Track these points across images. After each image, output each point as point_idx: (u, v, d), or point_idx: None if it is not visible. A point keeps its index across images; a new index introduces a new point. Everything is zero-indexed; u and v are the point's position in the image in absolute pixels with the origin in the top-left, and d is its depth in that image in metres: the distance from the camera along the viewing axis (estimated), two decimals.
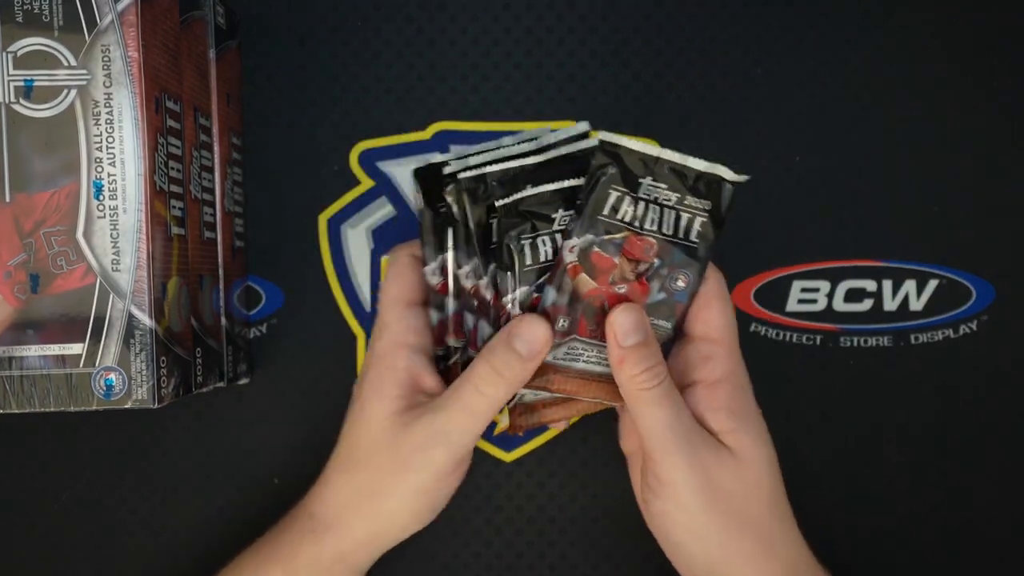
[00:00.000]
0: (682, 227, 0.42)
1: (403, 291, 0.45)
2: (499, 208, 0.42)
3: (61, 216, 0.40)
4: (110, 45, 0.39)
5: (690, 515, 0.41)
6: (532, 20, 0.51)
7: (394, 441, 0.42)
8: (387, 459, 0.43)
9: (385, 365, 0.44)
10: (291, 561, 0.44)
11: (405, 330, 0.44)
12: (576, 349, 0.42)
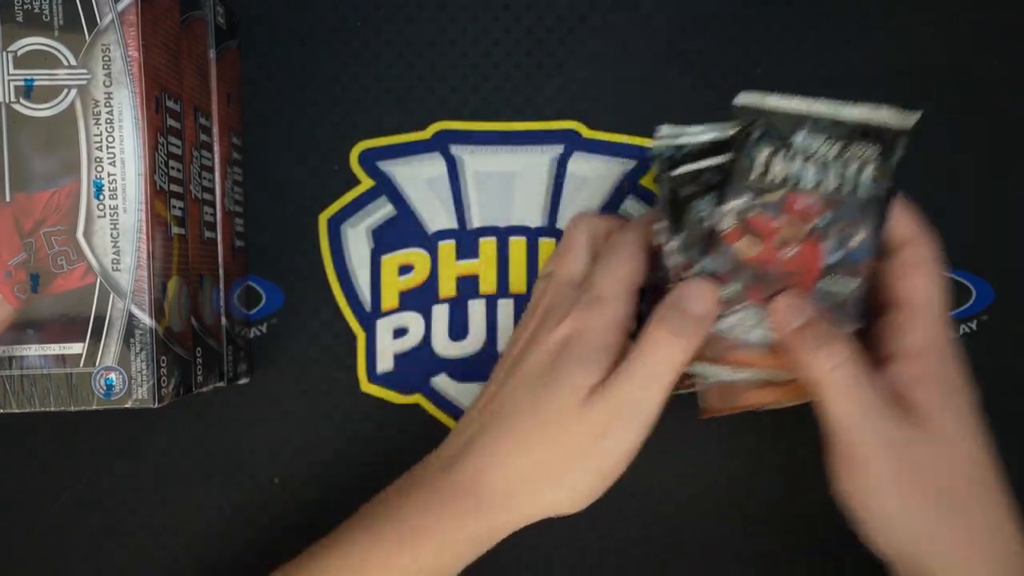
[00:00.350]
0: (848, 179, 0.40)
1: (635, 275, 0.43)
2: (675, 177, 0.42)
3: (61, 216, 0.40)
4: (110, 45, 0.39)
5: (884, 498, 0.39)
6: (532, 20, 0.51)
7: (582, 417, 0.41)
8: (576, 436, 0.41)
9: (600, 342, 0.41)
10: (452, 534, 0.42)
11: (627, 316, 0.42)
12: (751, 318, 0.41)
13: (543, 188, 0.51)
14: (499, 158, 0.51)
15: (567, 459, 0.41)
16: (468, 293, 0.51)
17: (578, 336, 0.42)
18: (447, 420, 0.51)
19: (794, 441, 0.52)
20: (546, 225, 0.51)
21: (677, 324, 0.40)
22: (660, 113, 0.51)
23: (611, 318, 0.42)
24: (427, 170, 0.51)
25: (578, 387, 0.41)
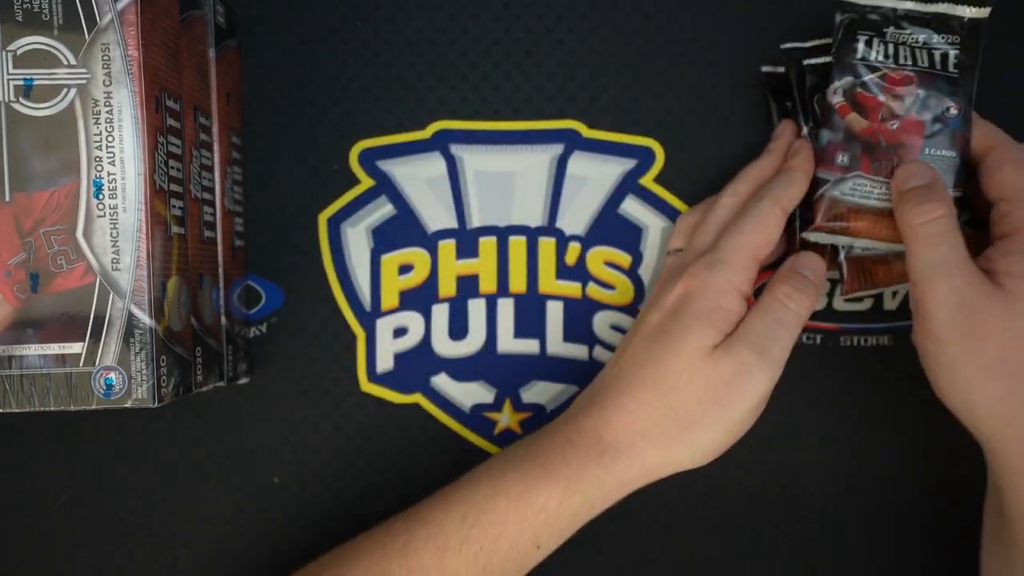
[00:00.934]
0: (937, 60, 0.46)
1: (760, 244, 0.44)
2: (806, 66, 0.47)
3: (61, 215, 0.40)
4: (110, 44, 0.39)
5: (951, 354, 0.41)
6: (532, 20, 0.51)
7: (713, 370, 0.41)
8: (703, 388, 0.41)
9: (719, 303, 0.42)
10: (577, 479, 0.42)
11: (747, 280, 0.43)
12: (864, 186, 0.45)
13: (543, 188, 0.51)
14: (499, 158, 0.51)
15: (689, 413, 0.42)
16: (468, 292, 0.51)
17: (696, 294, 0.43)
18: (447, 419, 0.51)
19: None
20: (546, 224, 0.51)
21: (797, 281, 0.43)
22: (660, 113, 0.51)
23: (729, 279, 0.43)
24: (427, 170, 0.51)
25: (697, 346, 0.42)
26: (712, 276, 0.43)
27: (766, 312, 0.42)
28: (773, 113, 0.50)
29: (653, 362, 0.43)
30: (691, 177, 0.51)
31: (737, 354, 0.41)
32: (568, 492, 0.42)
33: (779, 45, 0.49)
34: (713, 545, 0.51)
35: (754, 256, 0.44)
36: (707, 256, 0.44)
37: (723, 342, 0.42)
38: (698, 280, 0.43)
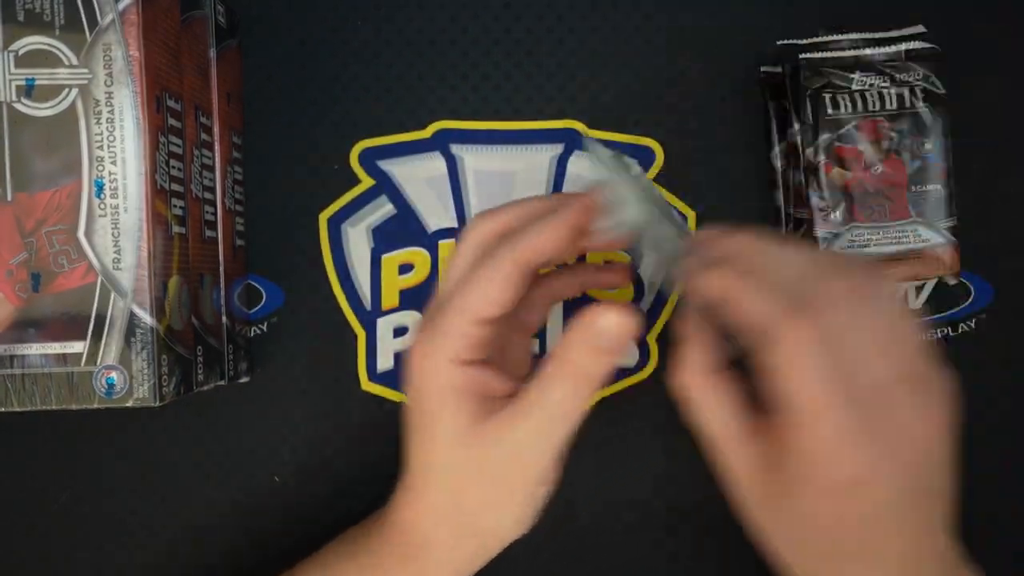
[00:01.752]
0: (906, 98, 0.47)
1: (483, 307, 0.38)
2: (802, 61, 0.47)
3: (62, 215, 0.40)
4: (111, 44, 0.39)
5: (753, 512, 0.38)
6: (532, 20, 0.51)
7: (486, 456, 0.38)
8: (480, 476, 0.39)
9: (445, 383, 0.38)
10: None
11: (467, 347, 0.38)
12: (861, 236, 0.47)
13: (543, 187, 0.51)
14: (499, 157, 0.51)
15: (486, 499, 0.39)
16: None
17: (418, 382, 0.39)
18: None
19: None
20: None
21: (587, 362, 0.37)
22: (660, 113, 0.51)
23: (444, 356, 0.38)
24: (427, 169, 0.51)
25: (448, 438, 0.38)
26: (425, 360, 0.39)
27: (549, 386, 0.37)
28: (771, 113, 0.50)
29: (422, 460, 0.40)
30: (691, 177, 0.51)
31: (510, 438, 0.38)
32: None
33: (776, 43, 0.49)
34: (712, 546, 0.51)
35: (475, 320, 0.38)
36: (430, 324, 0.39)
37: (492, 416, 0.38)
38: (416, 363, 0.39)
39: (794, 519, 0.36)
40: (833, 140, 0.47)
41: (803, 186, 0.48)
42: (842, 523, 0.35)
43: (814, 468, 0.34)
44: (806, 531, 0.36)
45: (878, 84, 0.47)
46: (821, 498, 0.34)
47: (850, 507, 0.34)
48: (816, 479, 0.34)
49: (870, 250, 0.48)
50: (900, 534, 0.35)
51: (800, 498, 0.35)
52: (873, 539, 0.35)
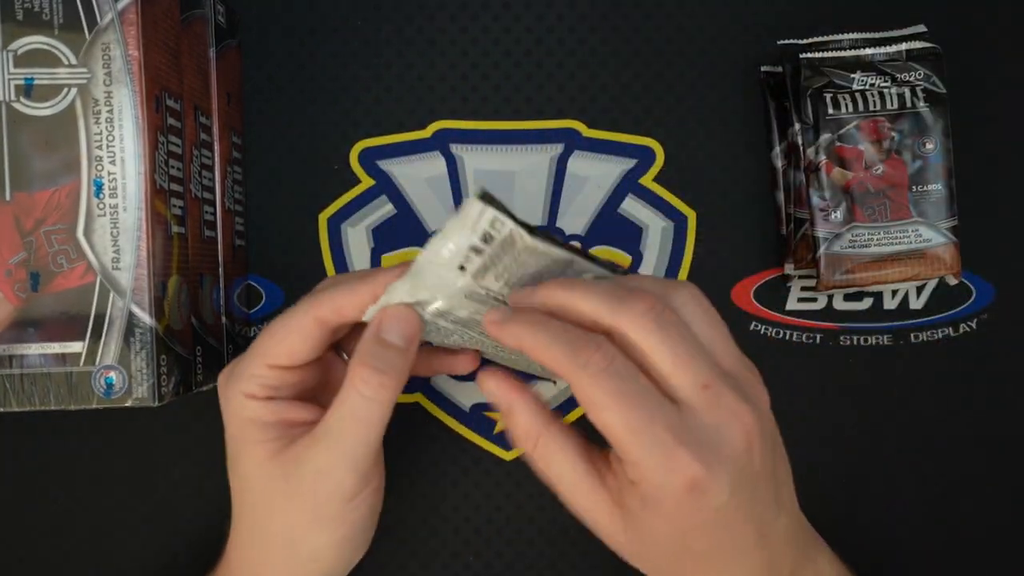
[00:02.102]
0: (907, 98, 0.47)
1: (277, 353, 0.39)
2: (803, 60, 0.48)
3: (61, 214, 0.40)
4: (110, 44, 0.39)
5: None
6: (532, 19, 0.51)
7: (289, 482, 0.39)
8: (288, 502, 0.39)
9: (243, 416, 0.40)
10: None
11: (260, 386, 0.39)
12: (862, 235, 0.47)
13: (543, 187, 0.51)
14: (499, 157, 0.51)
15: (291, 529, 0.40)
16: None
17: (225, 418, 0.41)
18: (447, 419, 0.51)
19: None
20: (546, 224, 0.51)
21: (378, 360, 0.37)
22: (660, 113, 0.51)
23: (239, 392, 0.40)
24: (427, 169, 0.51)
25: (261, 468, 0.39)
26: (226, 392, 0.40)
27: (341, 405, 0.38)
28: (772, 113, 0.50)
29: (237, 491, 0.42)
30: (691, 177, 0.51)
31: (310, 461, 0.38)
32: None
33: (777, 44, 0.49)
34: None
35: (266, 363, 0.39)
36: (236, 361, 0.41)
37: (295, 444, 0.39)
38: (221, 395, 0.41)
39: (651, 543, 0.36)
40: (834, 140, 0.47)
41: (804, 186, 0.48)
42: (692, 533, 0.35)
43: (651, 488, 0.34)
44: (663, 552, 0.36)
45: (879, 84, 0.47)
46: (666, 517, 0.34)
47: (694, 516, 0.34)
48: (656, 499, 0.34)
49: (871, 250, 0.48)
50: (747, 524, 0.35)
51: (650, 522, 0.35)
52: (724, 539, 0.35)
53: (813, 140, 0.47)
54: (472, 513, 0.51)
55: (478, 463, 0.51)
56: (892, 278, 0.48)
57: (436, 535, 0.51)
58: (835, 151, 0.47)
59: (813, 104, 0.47)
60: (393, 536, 0.51)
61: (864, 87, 0.47)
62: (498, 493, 0.51)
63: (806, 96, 0.47)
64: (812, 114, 0.47)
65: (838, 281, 0.48)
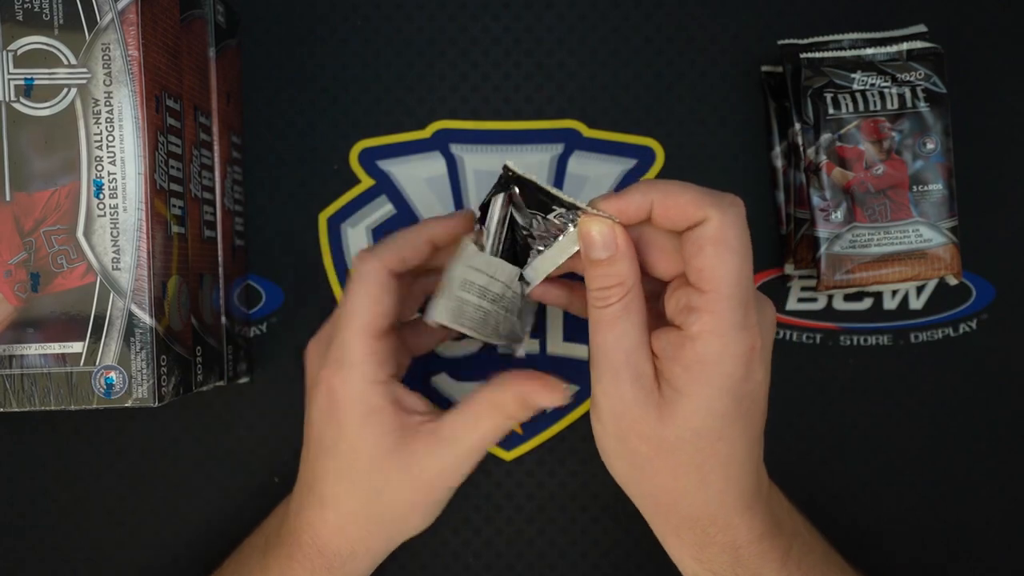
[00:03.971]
0: (907, 98, 0.47)
1: (373, 320, 0.42)
2: (803, 60, 0.47)
3: (61, 215, 0.40)
4: (110, 44, 0.39)
5: (605, 444, 0.41)
6: (532, 19, 0.51)
7: (411, 473, 0.42)
8: (406, 488, 0.42)
9: (366, 407, 0.42)
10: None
11: (377, 367, 0.42)
12: (863, 235, 0.47)
13: None
14: (499, 157, 0.51)
15: (400, 515, 0.43)
16: None
17: (339, 401, 0.42)
18: None
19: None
20: None
21: (513, 412, 0.42)
22: (660, 113, 0.51)
23: (361, 380, 0.41)
24: (427, 169, 0.51)
25: (380, 455, 0.42)
26: (343, 385, 0.42)
27: (477, 424, 0.42)
28: (772, 113, 0.50)
29: (335, 474, 0.43)
30: (691, 177, 0.51)
31: (436, 462, 0.42)
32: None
33: None
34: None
35: (373, 336, 0.42)
36: (333, 348, 0.42)
37: (411, 434, 0.42)
38: (332, 387, 0.42)
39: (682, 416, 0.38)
40: (834, 140, 0.47)
41: (804, 186, 0.48)
42: (729, 400, 0.38)
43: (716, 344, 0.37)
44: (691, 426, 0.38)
45: (879, 84, 0.47)
46: (711, 378, 0.37)
47: (739, 383, 0.38)
48: (714, 356, 0.37)
49: (871, 250, 0.47)
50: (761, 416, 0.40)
51: (690, 388, 0.38)
52: (747, 420, 0.39)
53: (813, 140, 0.47)
54: (472, 513, 0.51)
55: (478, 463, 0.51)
56: (892, 278, 0.48)
57: (436, 535, 0.51)
58: (835, 151, 0.47)
59: (813, 104, 0.47)
60: None
61: (864, 87, 0.47)
62: (498, 493, 0.51)
63: (806, 96, 0.47)
64: (812, 114, 0.47)
65: (838, 281, 0.48)
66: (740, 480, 0.40)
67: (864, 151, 0.47)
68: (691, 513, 0.41)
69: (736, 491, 0.40)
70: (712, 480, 0.39)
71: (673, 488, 0.40)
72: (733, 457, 0.39)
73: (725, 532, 0.41)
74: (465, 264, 0.41)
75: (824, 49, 0.48)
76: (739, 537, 0.41)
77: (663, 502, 0.41)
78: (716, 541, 0.41)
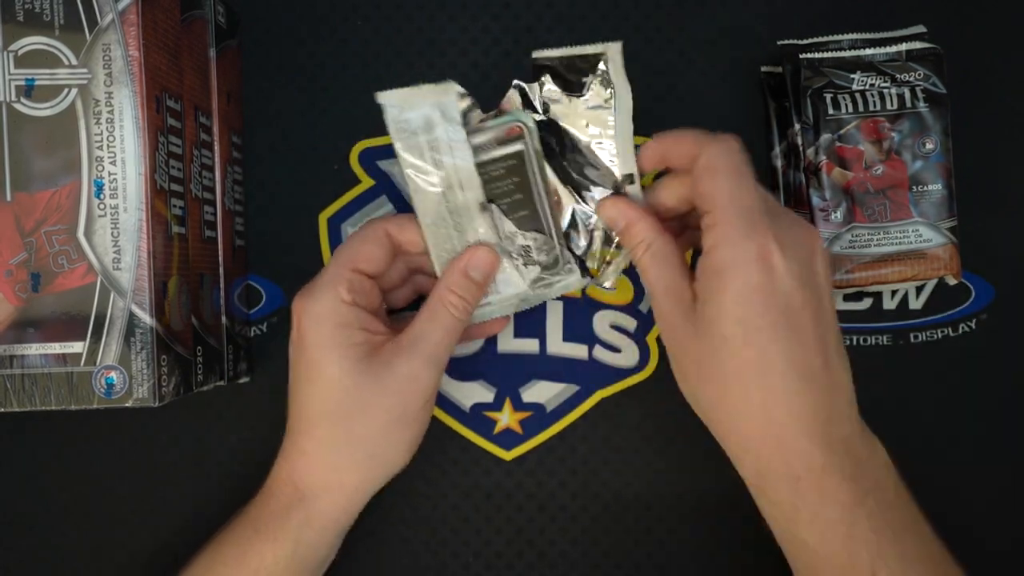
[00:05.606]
0: (907, 98, 0.47)
1: (353, 257, 0.44)
2: (803, 60, 0.48)
3: (62, 215, 0.40)
4: (111, 44, 0.39)
5: (678, 378, 0.43)
6: (532, 20, 0.51)
7: (379, 383, 0.43)
8: (377, 403, 0.43)
9: (330, 325, 0.43)
10: (282, 529, 0.44)
11: (344, 291, 0.43)
12: (862, 235, 0.47)
13: None
14: None
15: (370, 436, 0.44)
16: None
17: (303, 326, 0.44)
18: (447, 419, 0.51)
19: None
20: None
21: (461, 288, 0.45)
22: (661, 113, 0.51)
23: (331, 298, 0.43)
24: None
25: (334, 375, 0.43)
26: (311, 304, 0.44)
27: (432, 318, 0.44)
28: (772, 113, 0.50)
29: (312, 401, 0.44)
30: None
31: (403, 365, 0.43)
32: (277, 543, 0.44)
33: None
34: (711, 543, 0.51)
35: (350, 267, 0.44)
36: (313, 281, 0.45)
37: (377, 352, 0.43)
38: (302, 309, 0.44)
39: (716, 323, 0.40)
40: (834, 140, 0.47)
41: (804, 186, 0.48)
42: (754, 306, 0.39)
43: (729, 252, 0.40)
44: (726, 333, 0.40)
45: (879, 84, 0.47)
46: (733, 287, 0.39)
47: (760, 290, 0.39)
48: (731, 263, 0.39)
49: (871, 250, 0.48)
50: (814, 331, 0.40)
51: (718, 296, 0.40)
52: (787, 331, 0.40)
53: (813, 140, 0.47)
54: (472, 513, 0.51)
55: (478, 463, 0.51)
56: (892, 278, 0.48)
57: (436, 535, 0.51)
58: (835, 151, 0.47)
59: (813, 104, 0.47)
60: (393, 536, 0.51)
61: (864, 87, 0.47)
62: (498, 493, 0.51)
63: (806, 96, 0.47)
64: (812, 114, 0.47)
65: (838, 281, 0.48)
66: (787, 397, 0.40)
67: (864, 151, 0.47)
68: (745, 432, 0.41)
69: (784, 408, 0.40)
70: (753, 392, 0.40)
71: (723, 403, 0.41)
72: (769, 367, 0.39)
73: (778, 455, 0.40)
74: None
75: (824, 49, 0.48)
76: (795, 466, 0.40)
77: (723, 424, 0.42)
78: (772, 468, 0.40)
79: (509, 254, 0.45)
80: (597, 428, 0.51)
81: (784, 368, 0.39)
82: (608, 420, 0.51)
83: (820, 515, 0.40)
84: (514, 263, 0.46)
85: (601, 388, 0.51)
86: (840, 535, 0.40)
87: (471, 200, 0.44)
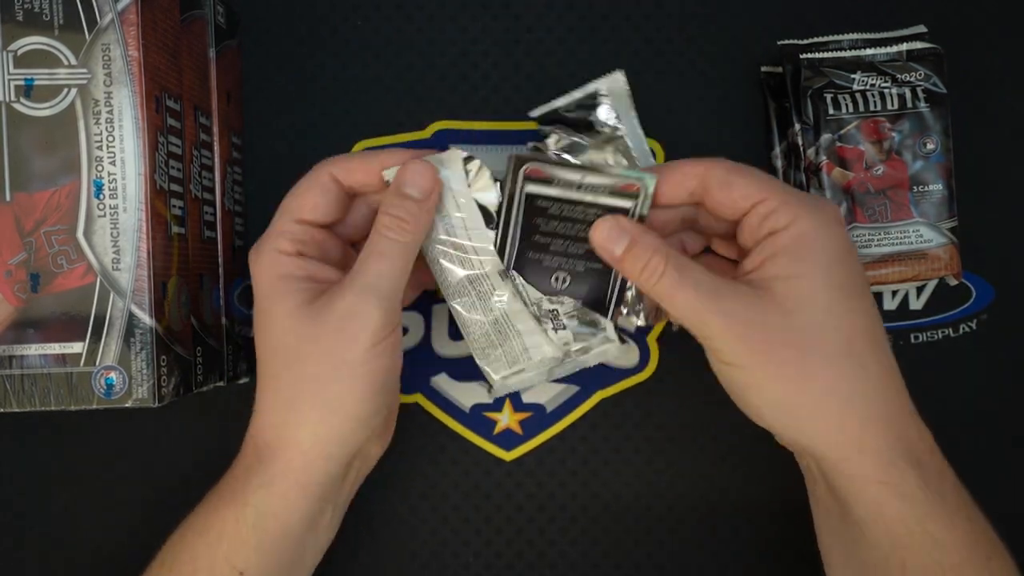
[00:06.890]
0: (907, 98, 0.47)
1: (300, 208, 0.42)
2: (803, 60, 0.48)
3: (61, 215, 0.40)
4: (110, 44, 0.39)
5: (749, 374, 0.40)
6: (532, 20, 0.51)
7: (317, 324, 0.40)
8: (316, 345, 0.40)
9: (277, 272, 0.41)
10: (243, 492, 0.42)
11: (290, 240, 0.42)
12: (863, 236, 0.47)
13: None
14: (499, 157, 0.51)
15: (317, 380, 0.41)
16: None
17: (254, 275, 0.42)
18: (447, 419, 0.51)
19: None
20: None
21: (399, 209, 0.41)
22: (661, 113, 0.51)
23: (272, 249, 0.42)
24: None
25: (283, 320, 0.41)
26: (259, 256, 0.42)
27: (370, 248, 0.41)
28: (772, 113, 0.50)
29: (262, 349, 0.42)
30: None
31: (340, 300, 0.40)
32: (240, 506, 0.42)
33: None
34: (712, 543, 0.51)
35: (292, 218, 0.42)
36: (263, 235, 0.43)
37: (322, 295, 0.41)
38: (252, 261, 0.42)
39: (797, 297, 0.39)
40: (834, 140, 0.47)
41: (804, 186, 0.48)
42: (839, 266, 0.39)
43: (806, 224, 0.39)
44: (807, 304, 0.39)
45: (879, 84, 0.47)
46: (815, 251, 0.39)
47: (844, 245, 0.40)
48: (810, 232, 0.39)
49: (872, 250, 0.48)
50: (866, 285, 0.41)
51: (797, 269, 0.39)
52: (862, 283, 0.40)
53: (813, 140, 0.47)
54: (472, 513, 0.51)
55: (478, 463, 0.51)
56: (892, 278, 0.48)
57: (436, 535, 0.51)
58: (835, 151, 0.47)
59: (813, 104, 0.47)
60: (393, 536, 0.51)
61: (864, 87, 0.47)
62: (498, 493, 0.51)
63: (806, 96, 0.47)
64: (812, 114, 0.47)
65: None
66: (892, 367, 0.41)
67: (864, 151, 0.47)
68: (864, 413, 0.40)
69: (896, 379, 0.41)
70: (870, 363, 0.40)
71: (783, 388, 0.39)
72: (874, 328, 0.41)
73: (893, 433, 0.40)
74: None
75: (824, 49, 0.48)
76: (918, 446, 0.41)
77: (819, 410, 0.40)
78: (888, 448, 0.40)
79: (538, 319, 0.44)
80: (597, 428, 0.51)
81: (881, 335, 0.41)
82: (608, 420, 0.51)
83: (947, 501, 0.41)
84: (542, 328, 0.44)
85: (601, 388, 0.51)
86: (963, 518, 0.41)
87: (489, 270, 0.43)
